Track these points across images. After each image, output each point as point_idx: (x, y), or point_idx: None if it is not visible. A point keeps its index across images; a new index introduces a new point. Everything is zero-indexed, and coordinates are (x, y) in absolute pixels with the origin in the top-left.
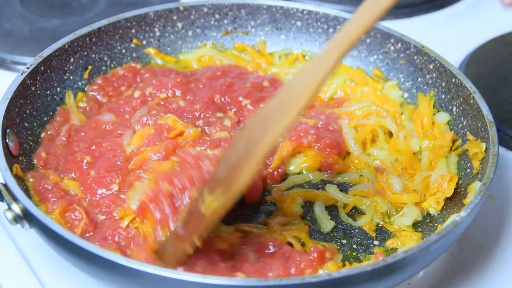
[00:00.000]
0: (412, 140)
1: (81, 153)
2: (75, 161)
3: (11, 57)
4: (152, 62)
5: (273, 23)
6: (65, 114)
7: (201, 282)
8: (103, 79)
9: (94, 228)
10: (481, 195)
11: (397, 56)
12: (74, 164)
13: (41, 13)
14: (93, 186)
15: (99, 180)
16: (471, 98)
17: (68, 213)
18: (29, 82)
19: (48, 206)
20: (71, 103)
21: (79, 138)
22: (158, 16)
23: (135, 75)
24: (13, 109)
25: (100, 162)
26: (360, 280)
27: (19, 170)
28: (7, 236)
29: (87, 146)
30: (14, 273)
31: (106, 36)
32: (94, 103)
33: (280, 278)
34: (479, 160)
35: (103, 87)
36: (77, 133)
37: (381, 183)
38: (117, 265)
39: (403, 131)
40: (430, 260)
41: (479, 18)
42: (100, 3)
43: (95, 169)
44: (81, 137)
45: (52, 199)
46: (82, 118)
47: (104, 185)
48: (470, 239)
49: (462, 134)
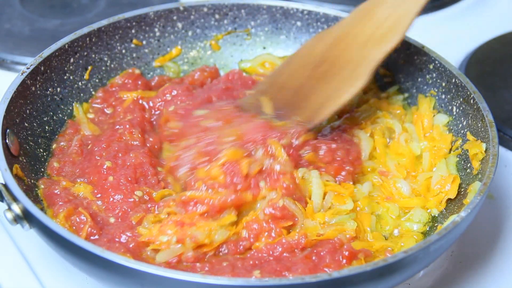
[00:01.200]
0: (413, 144)
1: (102, 159)
2: (95, 166)
3: (11, 57)
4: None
5: (273, 23)
6: (75, 126)
7: (201, 282)
8: (104, 91)
9: (100, 231)
10: (481, 195)
11: (397, 56)
12: (94, 168)
13: (41, 13)
14: (109, 191)
15: (118, 187)
16: (471, 98)
17: (73, 217)
18: (29, 82)
19: (54, 209)
20: (81, 115)
21: (100, 149)
22: (158, 16)
23: (135, 81)
24: (13, 109)
25: (122, 170)
26: (360, 280)
27: (19, 170)
28: (7, 236)
29: (112, 155)
30: (14, 273)
31: (106, 36)
32: (101, 113)
33: (280, 278)
34: (479, 160)
35: (105, 99)
36: (97, 142)
37: (388, 188)
38: (117, 265)
39: (404, 134)
40: (430, 260)
41: (479, 18)
42: (100, 3)
43: (115, 176)
44: (102, 148)
45: (59, 203)
46: (94, 128)
47: (122, 192)
48: (470, 239)
49: (462, 135)
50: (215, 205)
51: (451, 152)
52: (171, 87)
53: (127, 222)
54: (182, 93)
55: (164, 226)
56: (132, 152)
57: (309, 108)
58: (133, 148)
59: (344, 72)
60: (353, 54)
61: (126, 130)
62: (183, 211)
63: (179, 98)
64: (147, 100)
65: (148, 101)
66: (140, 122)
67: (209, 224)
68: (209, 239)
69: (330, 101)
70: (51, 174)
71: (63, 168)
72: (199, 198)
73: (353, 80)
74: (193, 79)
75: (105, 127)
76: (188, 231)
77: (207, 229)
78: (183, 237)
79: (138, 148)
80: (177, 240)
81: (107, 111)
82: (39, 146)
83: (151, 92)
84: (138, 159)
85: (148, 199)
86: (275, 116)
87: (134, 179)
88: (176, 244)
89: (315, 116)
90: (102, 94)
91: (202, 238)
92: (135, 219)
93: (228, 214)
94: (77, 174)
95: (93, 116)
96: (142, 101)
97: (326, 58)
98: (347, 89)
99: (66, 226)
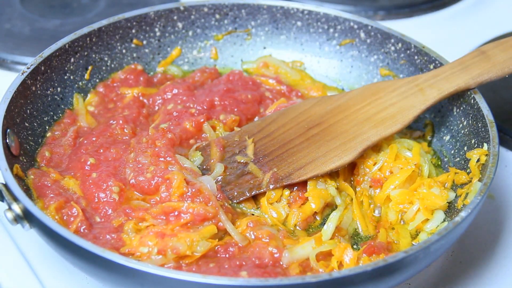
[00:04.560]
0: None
1: (86, 155)
2: (79, 161)
3: (11, 57)
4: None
5: (273, 23)
6: (73, 116)
7: (201, 282)
8: (104, 86)
9: (89, 227)
10: (481, 195)
11: (398, 56)
12: (77, 164)
13: (42, 13)
14: (91, 187)
15: (99, 185)
16: (471, 98)
17: (64, 210)
18: (29, 82)
19: (45, 201)
20: (80, 106)
21: (89, 142)
22: (159, 16)
23: (137, 77)
24: (14, 109)
25: (104, 166)
26: (360, 280)
27: (19, 170)
28: (8, 236)
29: (95, 150)
30: (14, 273)
31: (106, 36)
32: (102, 107)
33: (281, 278)
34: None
35: (106, 94)
36: (88, 136)
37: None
38: (118, 265)
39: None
40: (430, 260)
41: (480, 18)
42: (100, 3)
43: (98, 172)
44: (92, 141)
45: (49, 195)
46: (92, 120)
47: (103, 190)
48: (470, 239)
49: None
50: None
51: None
52: (172, 85)
53: (110, 223)
54: (183, 92)
55: (144, 237)
56: (113, 147)
57: (292, 165)
58: (118, 143)
59: (336, 142)
60: (349, 127)
61: (118, 125)
62: (162, 222)
63: (180, 97)
64: (147, 97)
65: (148, 98)
66: (134, 118)
67: (190, 235)
68: (191, 251)
69: (314, 166)
70: (40, 162)
71: (53, 159)
72: (179, 209)
73: (342, 153)
74: (194, 80)
75: (102, 120)
76: (169, 242)
77: (188, 240)
78: (164, 248)
79: (124, 142)
80: (158, 252)
81: (109, 106)
82: (39, 146)
83: (152, 89)
84: (119, 153)
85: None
86: (255, 161)
87: (113, 174)
88: (157, 255)
89: (294, 175)
90: (103, 89)
91: (183, 250)
92: (116, 222)
93: (210, 225)
94: (63, 168)
95: (93, 109)
96: (142, 98)
97: (322, 122)
98: (334, 159)
99: (56, 218)
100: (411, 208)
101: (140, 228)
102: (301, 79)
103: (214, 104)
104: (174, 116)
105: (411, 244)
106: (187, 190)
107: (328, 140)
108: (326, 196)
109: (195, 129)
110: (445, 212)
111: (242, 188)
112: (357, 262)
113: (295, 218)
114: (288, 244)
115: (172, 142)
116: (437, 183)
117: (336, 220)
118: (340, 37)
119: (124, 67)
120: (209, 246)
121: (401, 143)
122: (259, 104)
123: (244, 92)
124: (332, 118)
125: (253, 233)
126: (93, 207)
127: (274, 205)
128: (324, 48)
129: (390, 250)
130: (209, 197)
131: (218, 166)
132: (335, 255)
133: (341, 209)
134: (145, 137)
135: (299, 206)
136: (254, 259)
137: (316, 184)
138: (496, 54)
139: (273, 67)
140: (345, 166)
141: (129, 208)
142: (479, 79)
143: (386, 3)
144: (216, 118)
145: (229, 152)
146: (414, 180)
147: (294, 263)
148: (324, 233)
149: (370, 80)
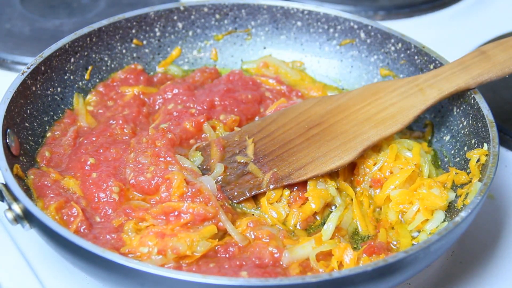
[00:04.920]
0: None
1: (86, 155)
2: (79, 161)
3: (11, 57)
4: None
5: (273, 23)
6: (73, 116)
7: (201, 282)
8: (104, 86)
9: (89, 227)
10: (481, 195)
11: (398, 56)
12: (77, 164)
13: (42, 13)
14: (91, 188)
15: (99, 185)
16: (471, 98)
17: (64, 210)
18: (29, 82)
19: (45, 201)
20: (80, 106)
21: (89, 142)
22: (159, 16)
23: (137, 76)
24: (14, 109)
25: (103, 166)
26: (360, 280)
27: (19, 170)
28: (8, 236)
29: (95, 150)
30: (14, 273)
31: (106, 36)
32: (102, 107)
33: (281, 278)
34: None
35: (106, 94)
36: (88, 136)
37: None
38: (118, 265)
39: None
40: (430, 260)
41: (480, 18)
42: (100, 3)
43: (98, 172)
44: (92, 141)
45: (49, 195)
46: (92, 120)
47: (103, 190)
48: (470, 239)
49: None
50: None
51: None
52: (173, 85)
53: (111, 223)
54: (183, 92)
55: (144, 237)
56: (113, 147)
57: (292, 165)
58: (118, 143)
59: (336, 142)
60: (349, 127)
61: (118, 125)
62: (162, 222)
63: (180, 97)
64: (148, 96)
65: (149, 97)
66: (134, 118)
67: (190, 235)
68: (191, 251)
69: (314, 166)
70: (40, 162)
71: (53, 159)
72: (179, 208)
73: (342, 153)
74: (194, 80)
75: (102, 120)
76: (169, 242)
77: (188, 240)
78: (164, 248)
79: (124, 142)
80: (158, 252)
81: (109, 104)
82: (39, 146)
83: (153, 89)
84: (119, 153)
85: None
86: (255, 161)
87: (113, 174)
88: (157, 255)
89: (295, 175)
90: (103, 89)
91: (183, 250)
92: (116, 222)
93: (210, 225)
94: (63, 168)
95: (93, 109)
96: (143, 97)
97: (322, 122)
98: (334, 159)
99: (56, 218)
100: (411, 208)
101: (140, 228)
102: (301, 79)
103: (214, 104)
104: (174, 116)
105: (411, 244)
106: (187, 190)
107: (328, 140)
108: (326, 196)
109: (195, 129)
110: (445, 212)
111: (242, 188)
112: (357, 262)
113: (295, 218)
114: (288, 244)
115: (172, 142)
116: (437, 183)
117: (336, 220)
118: (340, 37)
119: (124, 67)
120: (209, 246)
121: (401, 143)
122: (259, 104)
123: (244, 92)
124: (332, 118)
125: (253, 233)
126: (93, 207)
127: (274, 205)
128: (324, 48)
129: (390, 250)
130: (209, 197)
131: (218, 166)
132: (335, 255)
133: (341, 209)
134: (145, 137)
135: (299, 206)
136: (254, 259)
137: (316, 184)
138: (496, 54)
139: (273, 67)
140: (345, 166)
141: (129, 208)
142: (479, 79)
143: (386, 3)
144: (216, 118)
145: (229, 152)
146: (414, 180)
147: (294, 263)
148: (324, 233)
149: (370, 80)
